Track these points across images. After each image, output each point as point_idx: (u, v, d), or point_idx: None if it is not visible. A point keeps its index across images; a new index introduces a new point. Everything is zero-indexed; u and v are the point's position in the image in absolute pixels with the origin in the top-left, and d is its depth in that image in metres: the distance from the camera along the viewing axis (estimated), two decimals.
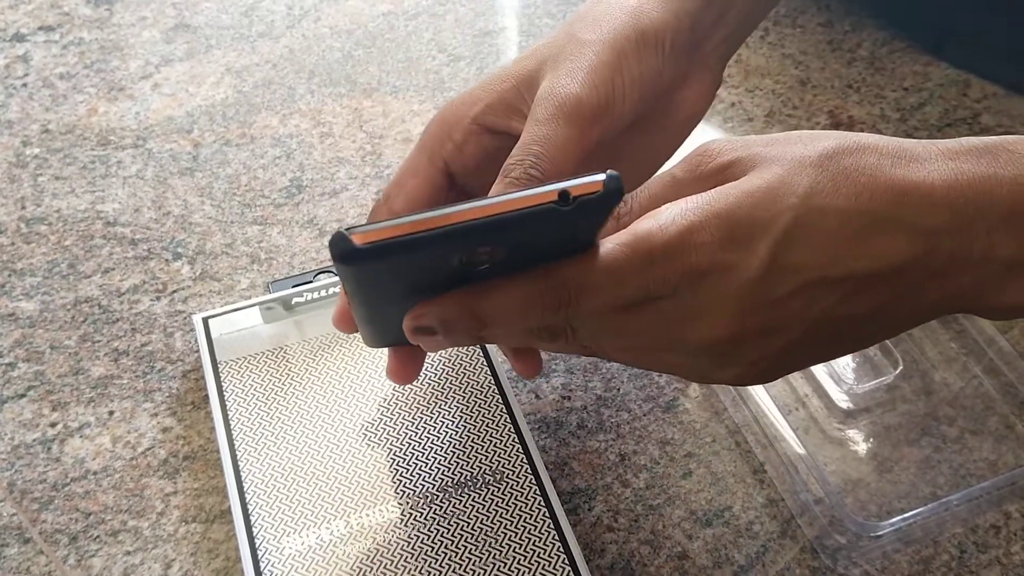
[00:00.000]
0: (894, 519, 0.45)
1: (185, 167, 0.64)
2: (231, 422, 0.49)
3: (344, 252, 0.31)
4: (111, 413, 0.52)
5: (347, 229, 0.31)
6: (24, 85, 0.69)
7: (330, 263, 0.57)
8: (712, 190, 0.35)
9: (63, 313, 0.56)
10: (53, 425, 0.51)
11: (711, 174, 0.36)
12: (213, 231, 0.60)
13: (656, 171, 0.47)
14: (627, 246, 0.34)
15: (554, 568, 0.43)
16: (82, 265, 0.58)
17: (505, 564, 0.44)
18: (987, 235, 0.33)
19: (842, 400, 0.50)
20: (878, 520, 0.45)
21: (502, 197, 0.32)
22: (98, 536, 0.47)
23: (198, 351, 0.53)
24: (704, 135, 0.64)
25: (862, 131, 0.63)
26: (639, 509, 0.47)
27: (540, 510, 0.45)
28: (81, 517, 0.48)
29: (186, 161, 0.64)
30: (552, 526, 0.45)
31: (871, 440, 0.48)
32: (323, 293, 0.53)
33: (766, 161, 0.35)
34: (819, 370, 0.50)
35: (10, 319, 0.56)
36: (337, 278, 0.53)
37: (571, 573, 0.43)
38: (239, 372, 0.51)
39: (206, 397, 0.52)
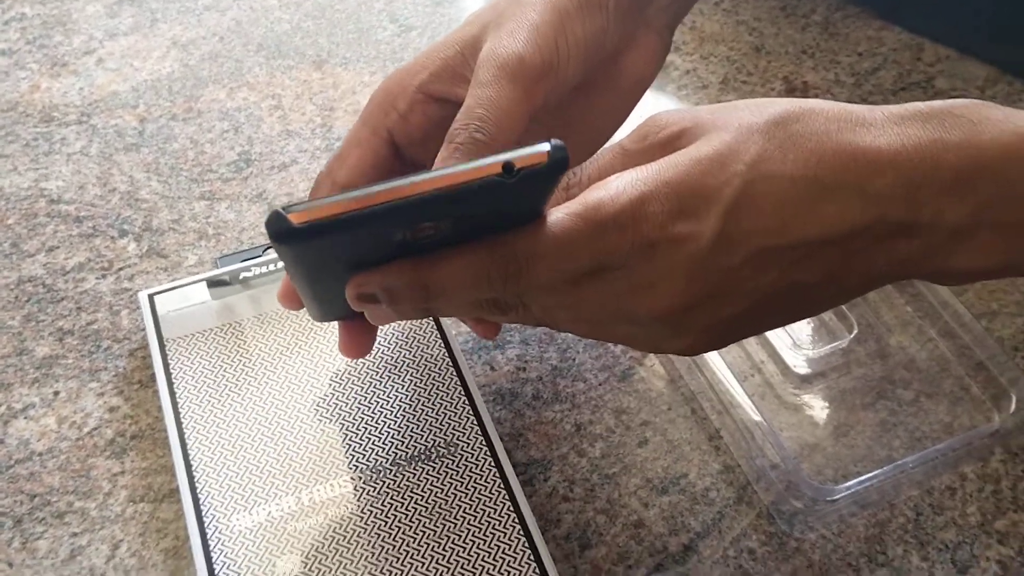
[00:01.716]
0: (850, 483, 0.44)
1: (131, 143, 0.62)
2: (178, 400, 0.48)
3: (280, 231, 0.30)
4: (56, 393, 0.50)
5: (284, 207, 0.30)
6: None
7: None
8: (662, 159, 0.34)
9: (6, 293, 0.55)
10: None
11: (660, 145, 0.35)
12: (160, 207, 0.58)
13: (608, 138, 0.46)
14: (577, 216, 0.34)
15: (510, 539, 0.43)
16: (25, 244, 0.57)
17: (460, 536, 0.43)
18: (935, 200, 0.33)
19: (797, 365, 0.49)
20: (834, 484, 0.45)
21: (444, 171, 0.31)
22: (43, 518, 0.46)
23: (144, 329, 0.52)
24: (659, 103, 0.64)
25: (817, 97, 0.63)
26: (595, 479, 0.47)
27: (495, 481, 0.45)
28: (26, 499, 0.47)
29: (132, 137, 0.62)
30: (507, 497, 0.44)
31: (827, 405, 0.48)
32: (272, 267, 0.52)
33: (715, 129, 0.34)
34: (774, 335, 0.50)
35: None
36: None
37: (526, 544, 0.43)
38: (186, 349, 0.50)
39: (153, 376, 0.50)
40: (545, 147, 0.31)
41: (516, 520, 0.43)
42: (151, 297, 0.51)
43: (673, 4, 0.45)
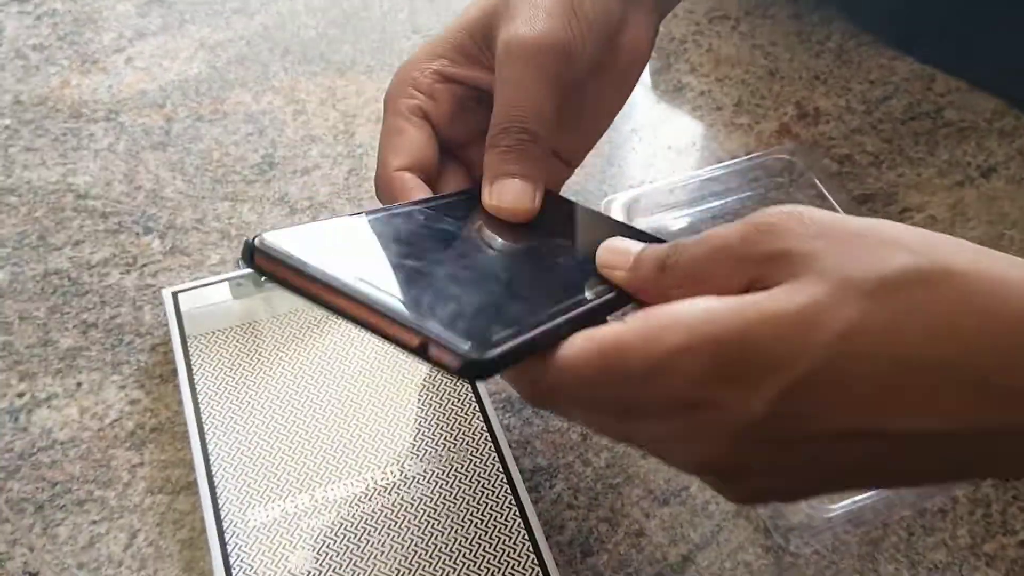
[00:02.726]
0: (845, 502, 0.46)
1: (157, 141, 0.64)
2: (199, 395, 0.49)
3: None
4: (79, 384, 0.52)
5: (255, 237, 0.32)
6: None
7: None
8: (731, 303, 0.29)
9: (32, 284, 0.56)
10: (20, 395, 0.51)
11: (760, 260, 0.30)
12: (184, 206, 0.60)
13: (612, 119, 0.47)
14: (598, 358, 0.30)
15: (515, 543, 0.44)
16: (52, 237, 0.58)
17: (468, 539, 0.44)
18: None
19: None
20: (830, 502, 0.46)
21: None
22: (64, 505, 0.48)
23: (167, 324, 0.53)
24: (673, 123, 0.65)
25: (827, 123, 0.64)
26: (599, 488, 0.48)
27: (503, 487, 0.46)
28: (47, 486, 0.48)
29: (158, 135, 0.64)
30: (514, 503, 0.46)
31: None
32: None
33: (814, 273, 0.29)
34: None
35: None
36: None
37: (531, 548, 0.44)
38: (208, 346, 0.51)
39: (174, 371, 0.52)
40: (462, 348, 0.29)
41: (522, 525, 0.45)
42: (175, 295, 0.53)
43: None
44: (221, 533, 0.44)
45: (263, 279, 0.35)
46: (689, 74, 0.68)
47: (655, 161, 0.63)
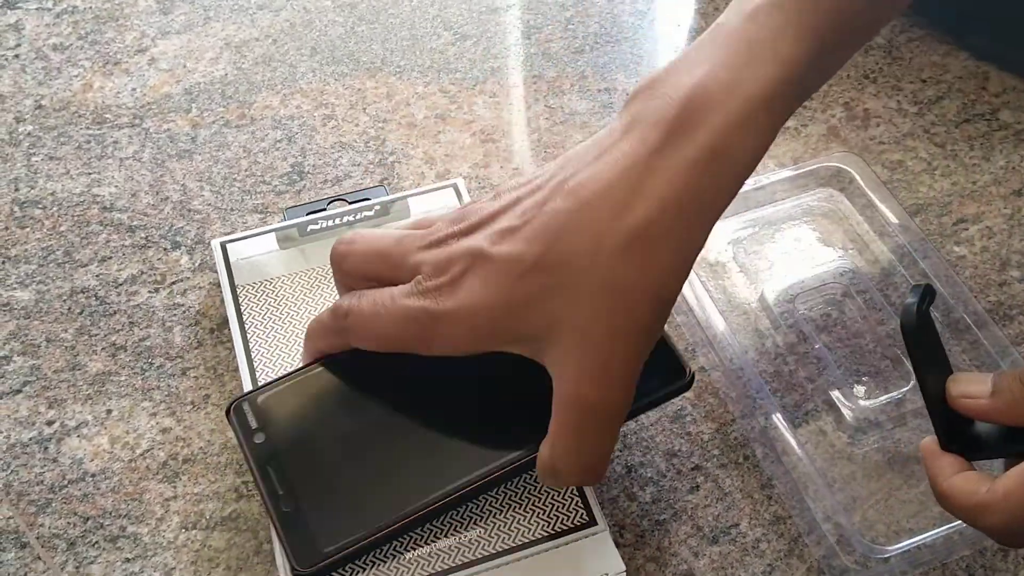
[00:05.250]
0: (903, 542, 0.44)
1: (184, 149, 0.62)
2: (249, 342, 0.50)
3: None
4: (109, 412, 0.51)
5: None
6: (16, 56, 0.67)
7: (344, 192, 0.59)
8: None
9: (59, 304, 0.55)
10: (50, 423, 0.50)
11: None
12: (213, 219, 0.58)
13: None
14: None
15: None
16: (78, 253, 0.57)
17: None
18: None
19: (852, 415, 0.49)
20: (886, 542, 0.45)
21: None
22: (96, 542, 0.46)
23: (199, 345, 0.52)
24: None
25: (877, 126, 0.61)
26: (645, 524, 0.46)
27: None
28: (79, 521, 0.47)
29: (184, 143, 0.62)
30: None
31: (881, 457, 0.48)
32: (336, 222, 0.55)
33: None
34: (828, 384, 0.50)
35: (4, 309, 0.54)
36: (349, 206, 0.57)
37: None
38: (256, 295, 0.53)
39: (206, 396, 0.51)
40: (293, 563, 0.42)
41: None
42: (223, 245, 0.55)
43: None
44: None
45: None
46: None
47: None
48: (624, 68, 0.66)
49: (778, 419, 0.48)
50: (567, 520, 0.44)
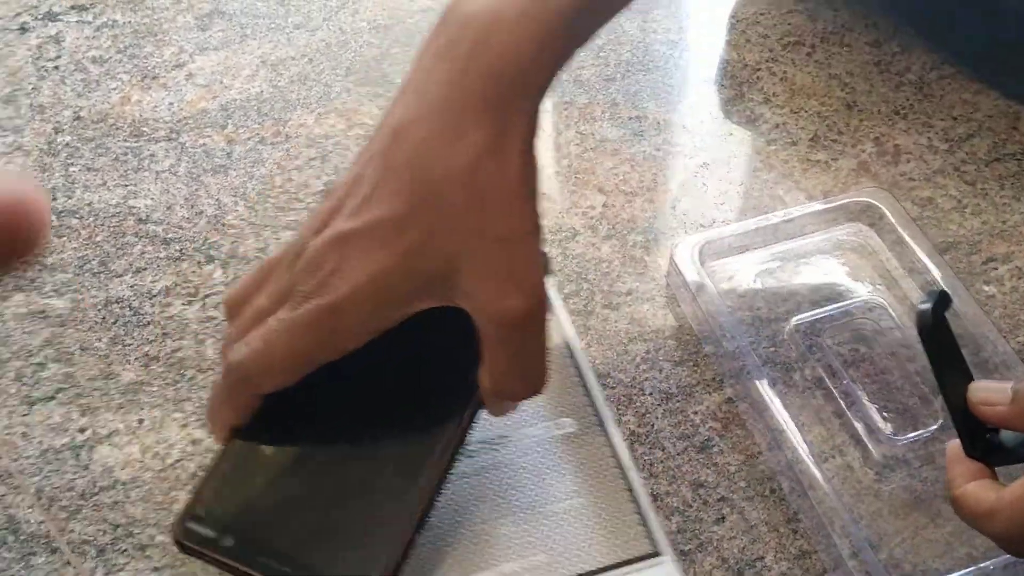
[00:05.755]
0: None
1: (219, 164, 0.63)
2: None
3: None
4: (140, 421, 0.51)
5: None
6: (56, 68, 0.68)
7: None
8: None
9: (94, 313, 0.55)
10: (82, 431, 0.51)
11: None
12: (246, 234, 0.59)
13: None
14: None
15: None
16: (113, 263, 0.58)
17: None
18: None
19: (879, 451, 0.49)
20: None
21: None
22: (126, 550, 0.47)
23: None
24: (746, 158, 0.63)
25: (908, 162, 0.62)
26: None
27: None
28: (109, 528, 0.48)
29: (220, 158, 0.63)
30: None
31: (908, 494, 0.48)
32: None
33: None
34: (856, 419, 0.50)
35: (40, 316, 0.55)
36: None
37: None
38: None
39: None
40: None
41: None
42: None
43: None
44: None
45: None
46: (763, 104, 0.66)
47: (727, 199, 0.61)
48: (655, 96, 0.67)
49: (804, 453, 0.48)
50: (629, 549, 0.45)
